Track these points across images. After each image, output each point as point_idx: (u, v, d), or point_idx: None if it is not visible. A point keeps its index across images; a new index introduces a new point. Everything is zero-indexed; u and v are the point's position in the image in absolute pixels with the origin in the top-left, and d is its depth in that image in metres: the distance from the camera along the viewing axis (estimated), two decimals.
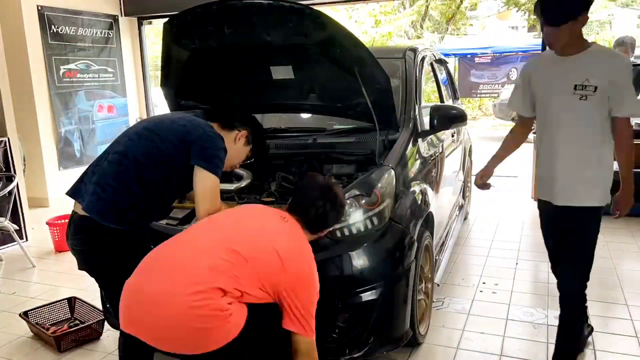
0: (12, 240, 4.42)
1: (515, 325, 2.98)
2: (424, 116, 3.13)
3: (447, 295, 3.37)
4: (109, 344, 2.95)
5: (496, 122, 13.07)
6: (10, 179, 4.45)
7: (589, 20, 2.19)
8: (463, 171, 4.68)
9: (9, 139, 4.67)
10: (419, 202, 2.71)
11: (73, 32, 5.98)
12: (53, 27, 5.70)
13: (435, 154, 3.31)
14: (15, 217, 4.67)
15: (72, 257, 2.10)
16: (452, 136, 4.04)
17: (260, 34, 2.51)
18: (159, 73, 2.92)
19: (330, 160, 2.79)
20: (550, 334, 2.86)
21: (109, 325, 2.84)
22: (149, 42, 7.55)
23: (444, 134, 3.64)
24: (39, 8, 5.51)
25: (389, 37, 14.67)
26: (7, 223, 4.23)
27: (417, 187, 2.75)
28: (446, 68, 4.80)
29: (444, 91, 4.40)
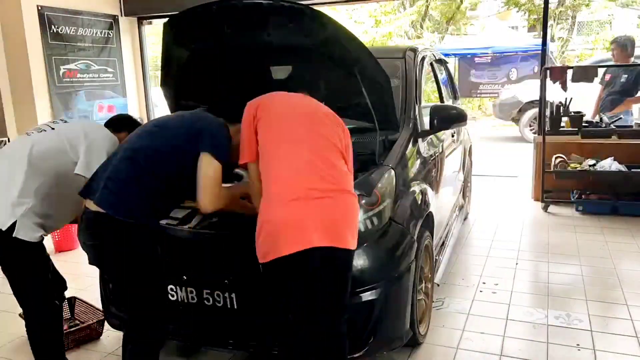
0: None
1: (515, 325, 2.98)
2: (424, 116, 3.13)
3: (447, 295, 3.37)
4: (109, 344, 2.95)
5: (496, 122, 13.04)
6: None
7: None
8: (463, 171, 4.68)
9: (8, 139, 4.67)
10: (419, 202, 2.71)
11: (73, 32, 5.97)
12: (53, 27, 5.69)
13: (435, 154, 3.31)
14: None
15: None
16: (452, 136, 4.04)
17: (260, 34, 2.51)
18: (159, 73, 2.92)
19: None
20: (550, 334, 2.86)
21: (109, 325, 2.83)
22: (149, 42, 7.53)
23: (444, 134, 3.64)
24: (39, 8, 5.50)
25: (389, 37, 14.65)
26: None
27: (417, 187, 2.75)
28: (446, 68, 4.80)
29: (444, 91, 4.40)
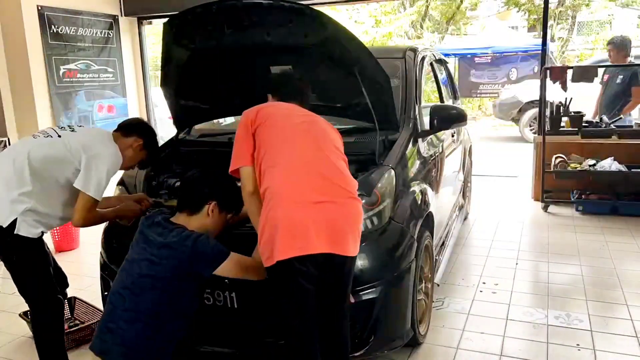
0: None
1: (515, 325, 2.98)
2: (424, 116, 3.13)
3: (447, 295, 3.37)
4: None
5: (496, 122, 13.03)
6: None
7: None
8: (463, 171, 4.68)
9: (8, 139, 4.67)
10: (419, 202, 2.71)
11: (73, 32, 5.97)
12: (53, 27, 5.69)
13: (435, 154, 3.31)
14: None
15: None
16: (452, 136, 4.04)
17: (260, 34, 2.51)
18: (159, 73, 2.92)
19: None
20: (550, 334, 2.86)
21: None
22: (149, 42, 7.53)
23: (444, 134, 3.64)
24: (39, 8, 5.50)
25: (389, 37, 14.65)
26: None
27: (417, 187, 2.75)
28: (446, 68, 4.80)
29: (444, 91, 4.40)
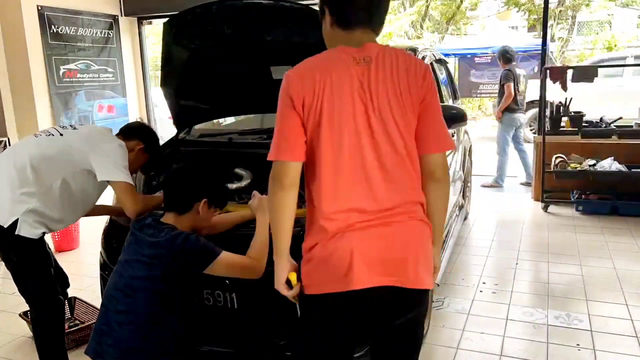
0: None
1: (515, 325, 2.98)
2: None
3: (447, 295, 3.38)
4: None
5: (496, 122, 13.01)
6: None
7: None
8: (463, 171, 4.68)
9: (8, 139, 4.67)
10: None
11: (73, 32, 5.97)
12: (53, 27, 5.70)
13: None
14: None
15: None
16: (452, 136, 4.04)
17: (260, 34, 2.51)
18: (159, 73, 2.92)
19: None
20: (550, 334, 2.86)
21: None
22: (149, 42, 7.54)
23: None
24: (39, 8, 5.51)
25: (389, 37, 14.66)
26: None
27: None
28: (446, 68, 4.80)
29: (444, 91, 4.39)
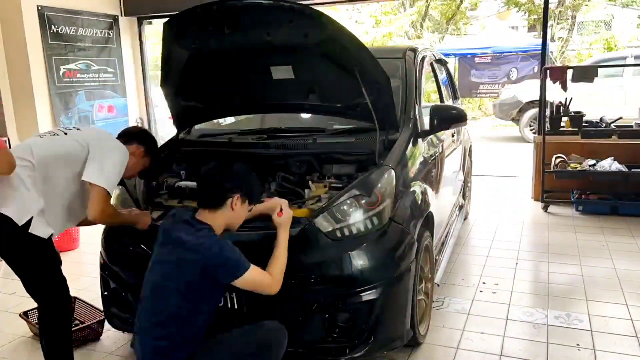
0: None
1: (515, 325, 2.98)
2: (424, 116, 3.13)
3: (447, 295, 3.38)
4: (109, 344, 2.95)
5: (496, 122, 13.04)
6: None
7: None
8: (463, 171, 4.68)
9: (8, 139, 4.68)
10: (419, 202, 2.71)
11: (73, 32, 5.97)
12: (53, 27, 5.69)
13: (435, 154, 3.31)
14: None
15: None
16: (452, 136, 4.04)
17: (260, 34, 2.51)
18: (159, 73, 2.92)
19: (330, 160, 2.79)
20: (550, 334, 2.86)
21: (109, 325, 2.84)
22: (149, 42, 7.53)
23: (444, 134, 3.63)
24: (39, 8, 5.50)
25: (389, 37, 14.66)
26: None
27: (417, 187, 2.75)
28: (446, 68, 4.80)
29: (444, 91, 4.39)
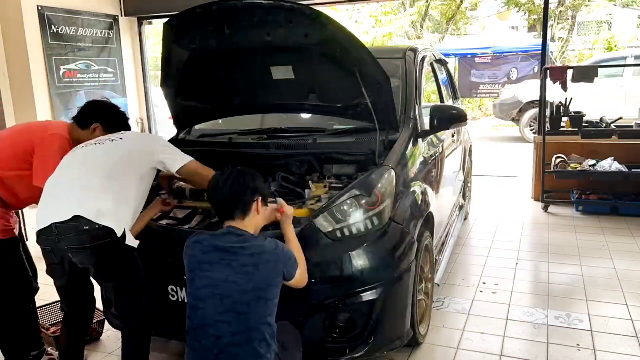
0: None
1: (515, 325, 2.98)
2: (424, 116, 3.13)
3: (447, 295, 3.37)
4: (109, 344, 2.96)
5: (496, 122, 13.05)
6: None
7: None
8: (463, 171, 4.68)
9: None
10: (419, 202, 2.71)
11: (73, 32, 5.97)
12: (53, 27, 5.69)
13: (435, 154, 3.31)
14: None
15: None
16: (452, 136, 4.04)
17: (260, 34, 2.51)
18: (159, 73, 2.92)
19: (330, 160, 2.79)
20: (550, 334, 2.86)
21: (109, 325, 2.83)
22: (149, 42, 7.53)
23: (444, 134, 3.64)
24: (39, 8, 5.50)
25: (389, 37, 14.66)
26: None
27: (417, 187, 2.75)
28: (446, 68, 4.80)
29: (444, 91, 4.39)
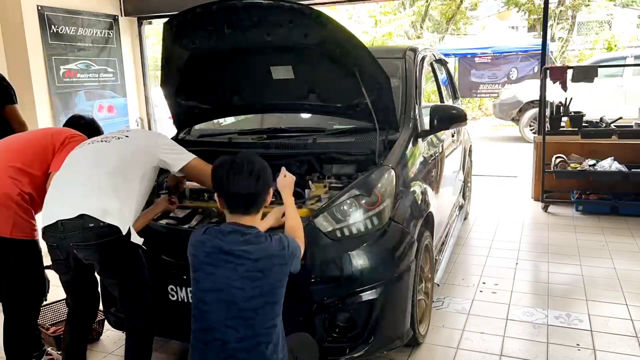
0: None
1: (515, 325, 2.98)
2: (424, 116, 3.13)
3: (447, 295, 3.37)
4: (109, 344, 2.96)
5: (496, 122, 13.04)
6: None
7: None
8: (463, 171, 4.68)
9: None
10: (419, 202, 2.71)
11: (73, 32, 5.97)
12: (53, 27, 5.69)
13: (435, 154, 3.31)
14: None
15: None
16: (452, 136, 4.04)
17: (260, 34, 2.51)
18: (159, 73, 2.92)
19: (330, 160, 2.79)
20: (550, 334, 2.86)
21: (109, 325, 2.83)
22: (149, 42, 7.53)
23: (444, 134, 3.64)
24: (39, 8, 5.50)
25: (389, 37, 14.66)
26: None
27: (417, 187, 2.75)
28: (446, 68, 4.80)
29: (444, 91, 4.40)
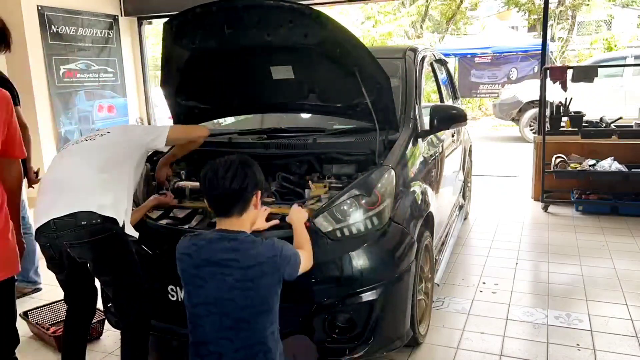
0: None
1: (515, 325, 2.98)
2: (424, 116, 3.13)
3: (447, 295, 3.38)
4: (109, 344, 2.95)
5: (496, 122, 13.05)
6: None
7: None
8: (463, 171, 4.68)
9: None
10: (419, 202, 2.71)
11: (73, 32, 5.97)
12: (53, 27, 5.69)
13: (435, 154, 3.31)
14: None
15: None
16: (452, 136, 4.04)
17: (260, 34, 2.51)
18: (159, 73, 2.92)
19: (330, 160, 2.79)
20: (550, 334, 2.86)
21: (109, 325, 2.84)
22: (149, 42, 7.53)
23: (444, 134, 3.64)
24: (39, 8, 5.50)
25: (389, 37, 14.66)
26: None
27: (417, 187, 2.75)
28: (446, 68, 4.80)
29: (444, 91, 4.40)
